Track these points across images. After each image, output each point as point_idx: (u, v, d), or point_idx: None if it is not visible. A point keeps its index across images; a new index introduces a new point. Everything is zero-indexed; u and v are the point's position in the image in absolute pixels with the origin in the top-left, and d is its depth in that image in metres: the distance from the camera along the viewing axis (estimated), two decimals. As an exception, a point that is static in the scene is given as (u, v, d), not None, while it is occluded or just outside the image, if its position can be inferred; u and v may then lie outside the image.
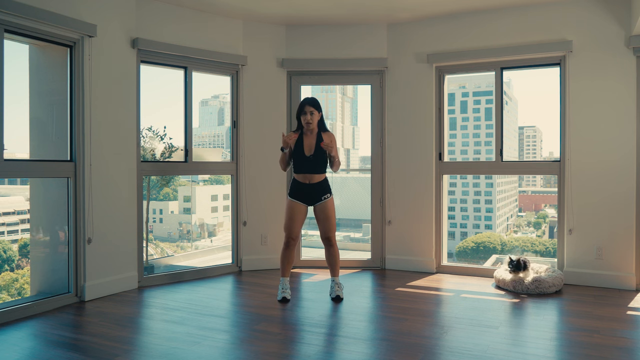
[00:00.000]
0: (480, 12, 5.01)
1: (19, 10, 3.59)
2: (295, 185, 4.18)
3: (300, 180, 4.15)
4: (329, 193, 4.20)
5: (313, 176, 4.13)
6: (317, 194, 4.14)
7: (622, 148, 4.50)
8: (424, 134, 5.27)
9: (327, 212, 4.17)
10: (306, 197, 4.15)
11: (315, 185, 4.14)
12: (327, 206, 4.17)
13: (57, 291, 4.14)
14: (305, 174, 4.12)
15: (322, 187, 4.17)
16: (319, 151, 4.10)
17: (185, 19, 4.90)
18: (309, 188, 4.13)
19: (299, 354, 3.04)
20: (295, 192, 4.17)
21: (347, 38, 5.41)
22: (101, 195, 4.26)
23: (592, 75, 4.61)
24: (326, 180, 4.22)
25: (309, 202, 4.17)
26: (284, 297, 4.17)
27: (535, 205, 12.81)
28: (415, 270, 5.27)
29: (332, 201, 4.22)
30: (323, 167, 4.17)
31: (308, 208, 4.23)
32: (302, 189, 4.15)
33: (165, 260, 6.77)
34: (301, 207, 4.17)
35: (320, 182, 4.16)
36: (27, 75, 4.23)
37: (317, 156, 4.10)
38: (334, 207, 4.22)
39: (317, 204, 4.17)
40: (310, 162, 4.09)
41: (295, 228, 4.19)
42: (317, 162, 4.11)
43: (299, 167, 4.13)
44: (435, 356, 3.00)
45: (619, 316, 3.73)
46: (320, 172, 4.15)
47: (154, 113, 5.59)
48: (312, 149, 4.10)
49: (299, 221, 4.20)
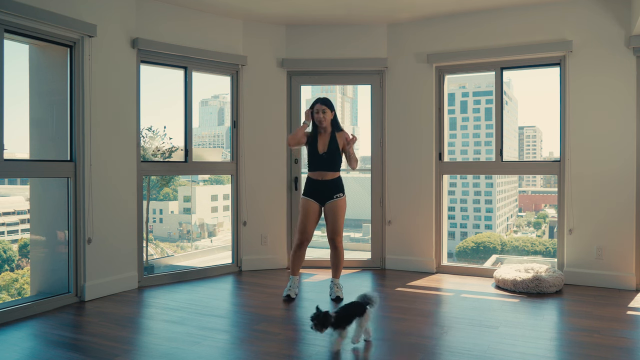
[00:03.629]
0: (480, 12, 5.01)
1: (19, 10, 3.59)
2: (309, 183, 4.22)
3: (314, 178, 4.19)
4: (342, 192, 4.21)
5: (327, 173, 4.16)
6: (330, 191, 4.17)
7: (622, 148, 4.50)
8: (424, 134, 5.27)
9: (337, 211, 4.17)
10: (319, 195, 4.17)
11: (329, 183, 4.16)
12: (338, 205, 4.18)
13: (57, 291, 4.14)
14: (320, 172, 4.16)
15: (336, 185, 4.19)
16: (333, 149, 4.14)
17: (185, 19, 4.90)
18: (322, 185, 4.16)
19: (299, 354, 3.04)
20: (308, 190, 4.21)
21: (347, 38, 5.41)
22: (101, 195, 4.26)
23: (592, 75, 4.61)
24: (340, 179, 4.24)
25: (322, 199, 4.18)
26: (288, 295, 4.20)
27: (535, 205, 12.81)
28: (415, 270, 5.27)
29: (344, 202, 4.22)
30: (337, 165, 4.20)
31: (321, 209, 4.24)
32: (315, 187, 4.18)
33: (165, 260, 6.77)
34: (314, 205, 4.18)
35: (333, 179, 4.18)
36: (27, 75, 4.23)
37: (330, 154, 4.14)
38: (344, 209, 4.23)
39: (328, 202, 4.18)
40: (323, 159, 4.14)
41: (309, 228, 4.20)
42: (331, 159, 4.15)
43: (313, 165, 4.18)
44: (435, 356, 3.00)
45: (619, 316, 3.73)
46: (333, 170, 4.18)
47: (154, 113, 5.59)
48: (326, 146, 4.15)
49: (312, 221, 4.20)
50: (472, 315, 3.77)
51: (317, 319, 2.98)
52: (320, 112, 4.12)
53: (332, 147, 4.15)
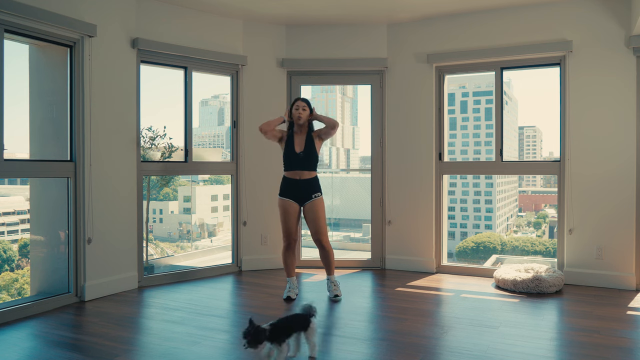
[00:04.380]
0: (480, 12, 5.01)
1: (19, 10, 3.59)
2: (285, 182, 4.21)
3: (290, 177, 4.19)
4: (319, 192, 4.22)
5: (303, 172, 4.16)
6: (307, 191, 4.16)
7: (622, 149, 4.50)
8: (424, 134, 5.27)
9: (316, 211, 4.17)
10: (296, 194, 4.17)
11: (305, 182, 4.16)
12: (316, 205, 4.18)
13: (57, 291, 4.14)
14: (296, 171, 4.17)
15: (312, 185, 4.19)
16: (309, 148, 4.15)
17: (185, 18, 4.90)
18: (298, 184, 4.16)
19: (300, 354, 3.03)
20: (285, 189, 4.20)
21: (347, 38, 5.41)
22: (101, 195, 4.26)
23: (592, 75, 4.61)
24: (317, 179, 4.25)
25: (299, 200, 4.18)
26: (288, 297, 4.21)
27: (535, 205, 12.81)
28: (415, 270, 5.27)
29: (322, 201, 4.23)
30: (313, 165, 4.20)
31: (300, 209, 4.24)
32: (292, 186, 4.17)
33: (165, 260, 6.77)
34: (292, 205, 4.18)
35: (310, 179, 4.18)
36: (27, 75, 4.23)
37: (307, 153, 4.15)
38: (324, 208, 4.23)
39: (307, 202, 4.18)
40: (300, 158, 4.14)
41: (291, 228, 4.20)
42: (307, 158, 4.15)
43: (289, 164, 4.18)
44: (435, 356, 3.00)
45: (619, 316, 3.73)
46: (310, 169, 4.18)
47: (154, 113, 5.59)
48: (302, 146, 4.16)
49: (294, 221, 4.21)
50: (472, 315, 3.77)
51: (248, 335, 2.51)
52: (300, 109, 4.17)
53: (309, 146, 4.16)
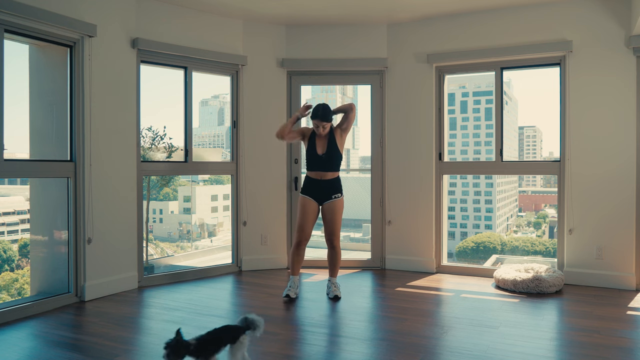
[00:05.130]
0: (480, 12, 5.01)
1: (19, 10, 3.59)
2: (308, 181, 4.24)
3: (312, 177, 4.22)
4: (340, 193, 4.24)
5: (326, 174, 4.19)
6: (328, 191, 4.19)
7: (622, 149, 4.50)
8: (424, 134, 5.27)
9: (335, 211, 4.20)
10: (317, 193, 4.19)
11: (328, 182, 4.19)
12: (335, 206, 4.20)
13: (57, 291, 4.14)
14: (318, 172, 4.19)
15: (334, 185, 4.21)
16: (332, 150, 4.17)
17: (185, 18, 4.90)
18: (321, 184, 4.18)
19: (300, 354, 3.04)
20: (307, 188, 4.23)
21: (347, 38, 5.41)
22: (101, 195, 4.26)
23: (592, 75, 4.61)
24: (339, 179, 4.27)
25: (320, 199, 4.20)
26: (287, 295, 4.20)
27: (535, 205, 12.82)
28: (415, 270, 5.27)
29: (342, 202, 4.26)
30: (335, 166, 4.22)
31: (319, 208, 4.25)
32: (313, 185, 4.20)
33: (165, 260, 6.78)
34: (312, 203, 4.20)
35: (332, 179, 4.21)
36: (27, 76, 4.23)
37: (329, 154, 4.17)
38: (342, 209, 4.26)
39: (326, 202, 4.20)
40: (323, 160, 4.16)
41: (307, 227, 4.21)
42: (330, 160, 4.18)
43: (312, 165, 4.21)
44: (435, 356, 3.00)
45: (619, 316, 3.73)
46: (333, 170, 4.21)
47: (154, 113, 5.59)
48: (325, 148, 4.18)
49: (311, 219, 4.22)
50: (472, 315, 3.77)
51: (169, 347, 2.34)
52: (320, 128, 4.12)
53: (331, 147, 4.17)
